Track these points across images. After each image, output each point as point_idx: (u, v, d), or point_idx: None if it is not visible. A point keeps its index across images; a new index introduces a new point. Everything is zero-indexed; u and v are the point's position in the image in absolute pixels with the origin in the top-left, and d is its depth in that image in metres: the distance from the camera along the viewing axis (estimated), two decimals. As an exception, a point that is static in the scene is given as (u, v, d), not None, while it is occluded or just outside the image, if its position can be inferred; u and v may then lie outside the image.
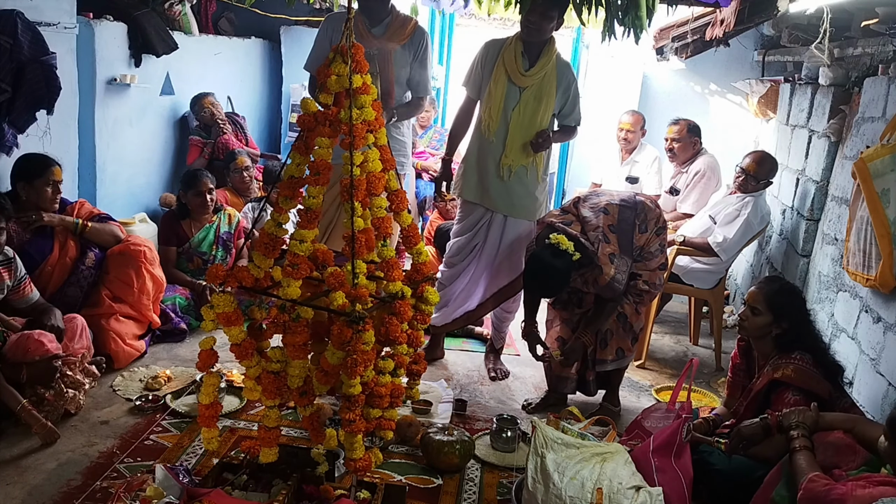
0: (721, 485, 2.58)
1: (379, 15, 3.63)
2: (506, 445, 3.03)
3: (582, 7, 3.38)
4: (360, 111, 2.33)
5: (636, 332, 3.42)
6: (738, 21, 4.07)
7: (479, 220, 3.69)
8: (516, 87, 3.48)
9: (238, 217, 4.51)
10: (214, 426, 2.48)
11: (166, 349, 3.85)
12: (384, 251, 2.38)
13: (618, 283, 3.18)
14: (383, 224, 2.40)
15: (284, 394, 2.45)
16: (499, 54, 3.50)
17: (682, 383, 2.92)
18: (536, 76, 3.46)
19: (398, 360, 2.40)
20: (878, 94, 3.42)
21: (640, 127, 5.15)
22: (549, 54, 3.47)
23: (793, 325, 2.78)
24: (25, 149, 3.56)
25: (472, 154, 3.67)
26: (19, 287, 3.20)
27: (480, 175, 3.61)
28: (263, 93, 6.74)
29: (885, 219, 2.94)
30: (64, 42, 3.84)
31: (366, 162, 2.37)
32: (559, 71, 3.51)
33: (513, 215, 3.64)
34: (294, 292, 2.32)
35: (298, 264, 2.32)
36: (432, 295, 2.48)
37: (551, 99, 3.50)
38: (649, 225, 3.31)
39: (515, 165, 3.54)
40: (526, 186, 3.60)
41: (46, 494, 2.53)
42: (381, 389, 2.35)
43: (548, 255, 3.11)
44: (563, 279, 3.14)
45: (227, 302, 2.35)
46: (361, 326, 2.19)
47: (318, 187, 2.36)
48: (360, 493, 2.47)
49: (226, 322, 2.36)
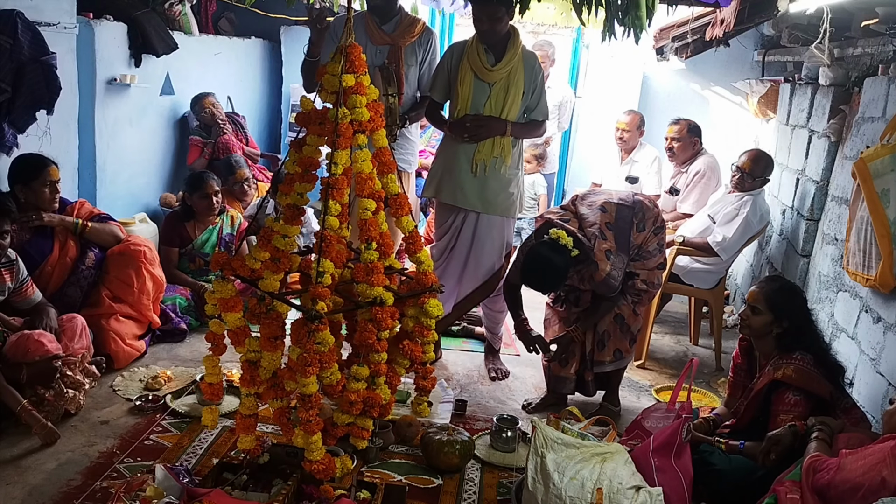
0: (721, 485, 2.58)
1: (389, 13, 3.68)
2: (506, 445, 3.03)
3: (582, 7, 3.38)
4: (352, 111, 2.33)
5: (634, 333, 3.42)
6: (738, 21, 4.07)
7: (453, 221, 3.67)
8: (484, 83, 3.48)
9: (240, 219, 4.51)
10: (219, 400, 2.55)
11: (166, 349, 3.84)
12: (367, 254, 2.36)
13: (613, 279, 3.18)
14: (367, 226, 2.38)
15: (258, 384, 2.46)
16: (462, 55, 3.50)
17: (682, 383, 2.92)
18: (504, 70, 3.45)
19: (375, 368, 2.38)
20: (878, 94, 3.42)
21: (637, 126, 5.15)
22: (515, 47, 3.47)
23: (794, 325, 2.78)
24: (25, 149, 3.57)
25: (444, 155, 3.65)
26: (21, 289, 3.20)
27: (453, 174, 3.58)
28: (263, 93, 6.74)
29: (885, 219, 2.94)
30: (64, 42, 3.83)
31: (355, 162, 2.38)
32: (526, 63, 3.50)
33: (487, 212, 3.60)
34: (273, 285, 2.32)
35: (280, 259, 2.32)
36: (434, 308, 2.45)
37: (519, 91, 3.49)
38: (647, 224, 3.32)
39: (489, 160, 3.53)
40: (499, 180, 3.57)
41: (46, 494, 2.53)
42: (350, 395, 2.34)
43: (546, 250, 3.12)
44: (561, 274, 3.14)
45: (227, 288, 2.38)
46: (315, 325, 2.18)
47: (305, 184, 2.37)
48: (360, 493, 2.47)
49: (225, 308, 2.38)
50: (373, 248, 2.36)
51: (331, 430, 2.44)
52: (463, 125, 3.48)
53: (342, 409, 2.38)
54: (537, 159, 5.59)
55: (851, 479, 2.01)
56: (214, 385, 2.55)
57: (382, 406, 2.44)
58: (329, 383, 2.31)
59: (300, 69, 3.83)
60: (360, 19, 3.66)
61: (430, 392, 2.64)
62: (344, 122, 2.31)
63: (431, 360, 2.62)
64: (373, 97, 2.43)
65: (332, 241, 2.31)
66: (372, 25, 3.65)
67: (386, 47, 3.65)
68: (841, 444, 2.31)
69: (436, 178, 3.66)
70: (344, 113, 2.32)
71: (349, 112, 2.34)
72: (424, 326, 2.49)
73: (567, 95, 5.89)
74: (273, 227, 2.41)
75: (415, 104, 3.84)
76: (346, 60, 2.34)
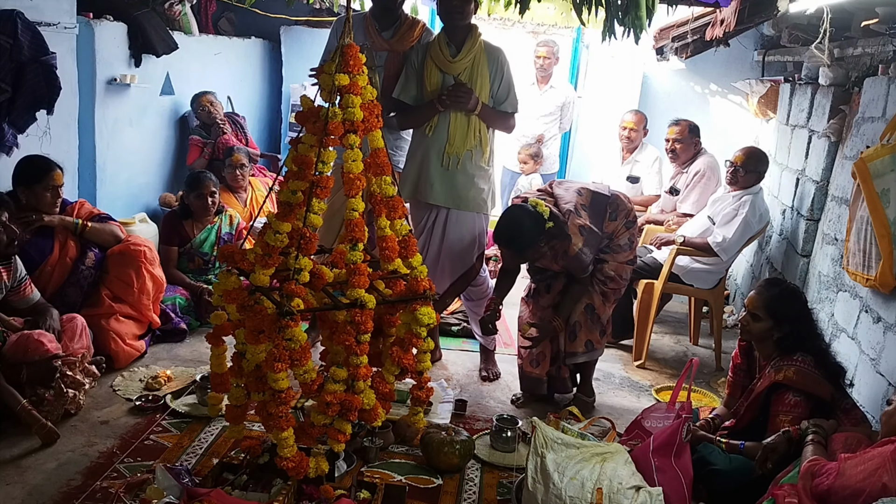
0: (721, 485, 2.58)
1: (389, 19, 3.67)
2: (506, 445, 3.03)
3: (582, 7, 3.38)
4: (345, 110, 2.33)
5: (604, 323, 3.46)
6: (738, 21, 4.07)
7: (424, 221, 3.67)
8: (449, 75, 3.50)
9: (239, 218, 4.51)
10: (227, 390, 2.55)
11: (166, 349, 3.85)
12: (352, 255, 2.36)
13: (585, 255, 3.23)
14: (353, 227, 2.38)
15: (244, 375, 2.46)
16: (426, 52, 3.54)
17: (682, 383, 2.92)
18: (465, 60, 3.48)
19: (354, 371, 2.37)
20: (878, 94, 3.42)
21: (642, 126, 5.17)
22: (474, 38, 3.50)
23: (794, 328, 2.78)
24: (25, 149, 3.57)
25: (415, 153, 3.65)
26: (19, 288, 3.20)
27: (423, 171, 3.58)
28: (263, 93, 6.74)
29: (885, 219, 2.94)
30: (64, 42, 3.84)
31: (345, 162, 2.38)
32: (489, 54, 3.53)
33: (456, 207, 3.60)
34: (263, 280, 2.33)
35: (270, 254, 2.32)
36: (425, 316, 2.42)
37: (485, 80, 3.52)
38: (619, 215, 3.38)
39: (462, 152, 3.54)
40: (468, 175, 3.57)
41: (46, 494, 2.53)
42: (327, 397, 2.33)
43: (520, 212, 3.18)
44: (530, 238, 3.16)
45: (230, 281, 2.38)
46: (286, 321, 2.18)
47: (298, 182, 2.36)
48: (360, 493, 2.48)
49: (229, 299, 2.38)
50: (359, 250, 2.37)
51: (307, 430, 2.43)
52: (448, 93, 3.45)
53: (319, 409, 2.37)
54: (533, 158, 5.59)
55: (852, 485, 2.01)
56: (221, 375, 2.53)
57: (366, 411, 2.41)
58: (303, 381, 2.31)
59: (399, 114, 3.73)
60: (360, 20, 3.66)
61: (425, 403, 2.60)
62: (334, 121, 2.32)
63: (428, 370, 2.58)
64: (368, 98, 2.43)
65: (313, 240, 2.32)
66: (372, 30, 3.64)
67: (384, 53, 3.64)
68: (838, 444, 2.31)
69: (409, 177, 3.66)
70: (334, 112, 2.33)
71: (340, 111, 2.35)
72: (415, 334, 2.46)
73: (570, 96, 5.89)
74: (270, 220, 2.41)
75: None
76: (342, 59, 2.35)
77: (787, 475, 2.32)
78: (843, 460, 2.10)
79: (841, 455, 2.14)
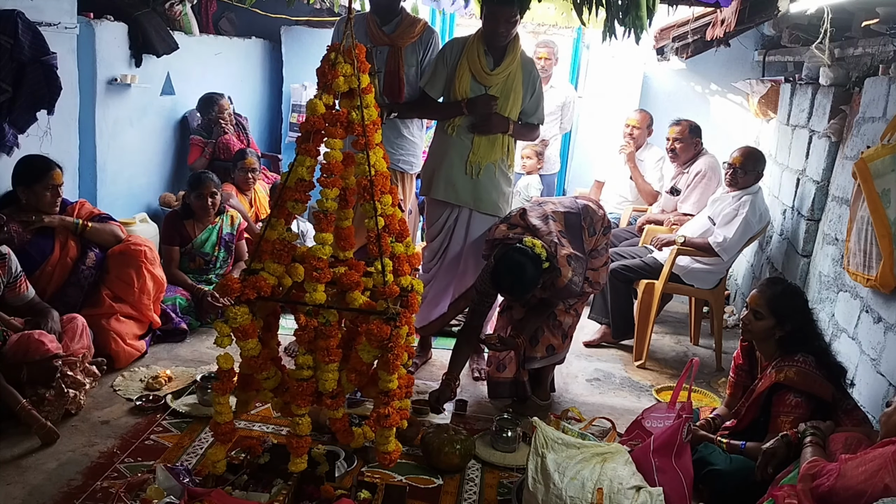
0: (721, 485, 2.58)
1: (390, 14, 3.67)
2: (506, 445, 3.03)
3: (582, 7, 3.38)
4: (367, 110, 2.35)
5: (565, 329, 3.45)
6: (739, 21, 4.06)
7: (445, 220, 3.66)
8: (481, 85, 3.46)
9: (240, 219, 4.51)
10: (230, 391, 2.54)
11: (167, 349, 3.85)
12: (396, 247, 2.44)
13: (575, 285, 3.19)
14: (393, 221, 2.40)
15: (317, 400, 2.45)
16: (462, 52, 3.47)
17: (682, 383, 2.92)
18: (502, 75, 3.44)
19: None
20: (878, 95, 3.42)
21: (647, 125, 5.18)
22: (515, 52, 3.45)
23: (796, 328, 2.78)
24: (26, 148, 3.57)
25: (437, 151, 3.64)
26: (14, 284, 3.19)
27: (446, 171, 3.57)
28: (264, 93, 6.74)
29: (885, 219, 2.94)
30: (64, 42, 3.84)
31: None
32: (524, 68, 3.49)
33: (479, 209, 3.60)
34: (320, 297, 2.32)
35: (322, 268, 2.31)
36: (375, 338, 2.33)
37: (518, 96, 3.49)
38: (596, 227, 3.37)
39: (484, 162, 3.52)
40: (494, 180, 3.57)
41: (47, 494, 2.53)
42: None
43: (519, 256, 3.08)
44: (532, 282, 3.11)
45: (243, 315, 2.33)
46: (397, 323, 2.26)
47: (332, 189, 2.36)
48: (361, 493, 2.47)
49: (242, 336, 2.35)
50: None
51: None
52: (478, 103, 3.41)
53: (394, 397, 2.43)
54: (538, 155, 5.58)
55: (853, 486, 2.01)
56: (227, 375, 2.50)
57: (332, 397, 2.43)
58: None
59: None
60: (361, 20, 3.66)
61: (391, 427, 2.42)
62: (368, 123, 2.35)
63: (392, 390, 2.40)
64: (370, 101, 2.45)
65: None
66: (373, 26, 3.65)
67: (385, 48, 3.64)
68: (838, 444, 2.31)
69: (428, 176, 3.66)
70: (364, 113, 2.36)
71: (367, 112, 2.38)
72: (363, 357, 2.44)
73: (570, 96, 5.88)
74: (289, 237, 2.44)
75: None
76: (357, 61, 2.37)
77: (786, 476, 2.32)
78: (843, 461, 2.10)
79: (841, 456, 2.14)
